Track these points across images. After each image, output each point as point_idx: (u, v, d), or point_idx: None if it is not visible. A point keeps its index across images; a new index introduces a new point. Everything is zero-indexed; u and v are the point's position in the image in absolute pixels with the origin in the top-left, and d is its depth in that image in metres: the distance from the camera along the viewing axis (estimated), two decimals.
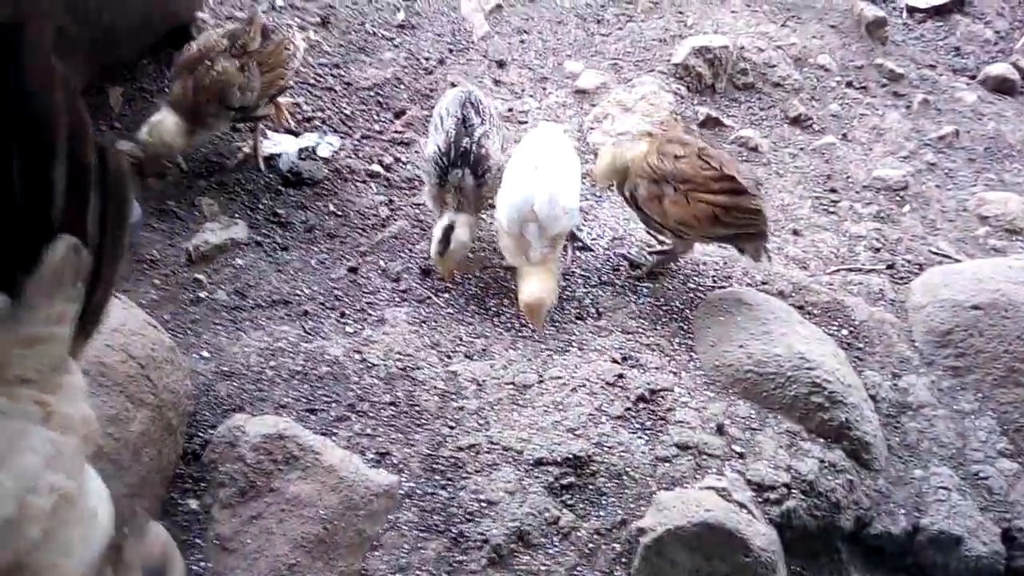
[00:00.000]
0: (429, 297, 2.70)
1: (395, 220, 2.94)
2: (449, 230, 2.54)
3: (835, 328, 2.74)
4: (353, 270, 2.76)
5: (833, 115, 3.58)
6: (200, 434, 2.22)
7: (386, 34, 3.59)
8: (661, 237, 2.81)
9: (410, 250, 2.85)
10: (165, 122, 2.74)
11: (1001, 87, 3.73)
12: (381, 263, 2.80)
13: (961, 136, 3.55)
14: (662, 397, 2.45)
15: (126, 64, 3.18)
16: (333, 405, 2.36)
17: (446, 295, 2.71)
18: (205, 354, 2.44)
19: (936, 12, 4.01)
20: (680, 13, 3.82)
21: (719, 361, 2.54)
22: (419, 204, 2.99)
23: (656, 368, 2.52)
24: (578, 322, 2.66)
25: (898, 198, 3.30)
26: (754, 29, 3.74)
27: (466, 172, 2.59)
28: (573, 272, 2.82)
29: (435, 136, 2.70)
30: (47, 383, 1.13)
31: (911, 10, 4.01)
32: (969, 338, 2.68)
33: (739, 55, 3.58)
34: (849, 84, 3.71)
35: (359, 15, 3.65)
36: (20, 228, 1.06)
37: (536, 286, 2.48)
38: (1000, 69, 3.75)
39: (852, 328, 2.75)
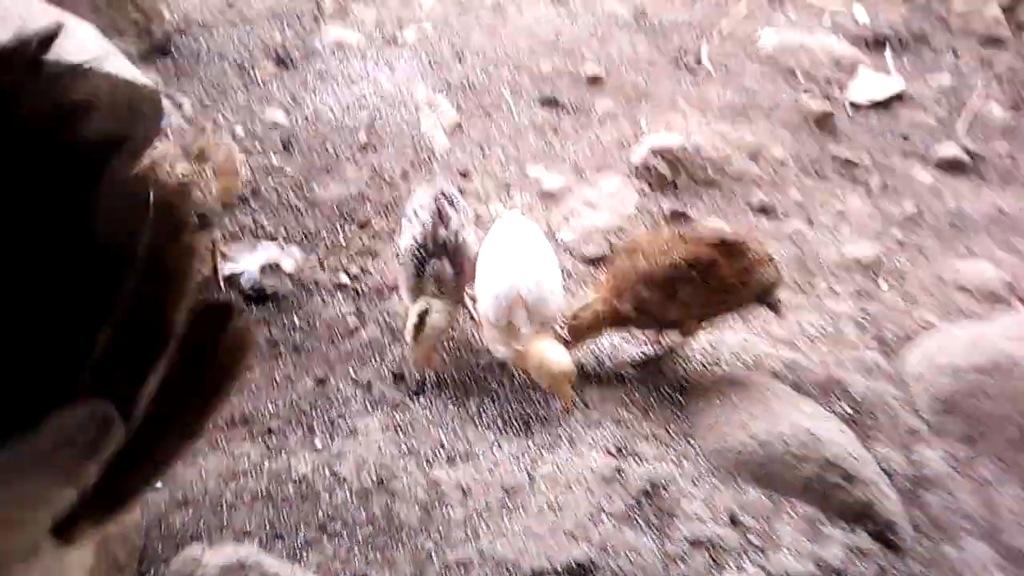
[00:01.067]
0: (403, 402, 2.51)
1: (364, 328, 2.80)
2: (424, 314, 2.40)
3: (836, 404, 2.59)
4: (321, 381, 2.58)
5: (796, 202, 3.60)
6: (152, 569, 1.94)
7: (347, 154, 3.59)
8: (663, 340, 2.70)
9: (381, 357, 2.69)
10: None
11: (954, 167, 3.83)
12: (351, 372, 2.63)
13: (924, 214, 3.58)
14: (665, 489, 2.25)
15: None
16: (302, 527, 2.11)
17: (422, 399, 2.53)
18: (158, 484, 2.19)
19: (878, 105, 4.17)
20: (634, 120, 3.91)
21: (721, 445, 2.36)
22: (389, 311, 2.86)
23: (655, 458, 2.33)
24: (565, 415, 2.48)
25: (873, 275, 3.26)
26: (706, 129, 3.83)
27: (444, 262, 2.49)
28: None
29: (410, 229, 2.62)
30: None
31: (854, 105, 4.17)
32: (976, 402, 2.55)
33: (696, 152, 3.64)
34: (806, 173, 3.76)
35: (320, 138, 3.67)
36: (25, 374, 0.74)
37: (561, 353, 2.35)
38: (950, 150, 3.86)
39: (853, 403, 2.61)
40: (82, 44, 2.81)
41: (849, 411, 2.57)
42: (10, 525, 0.76)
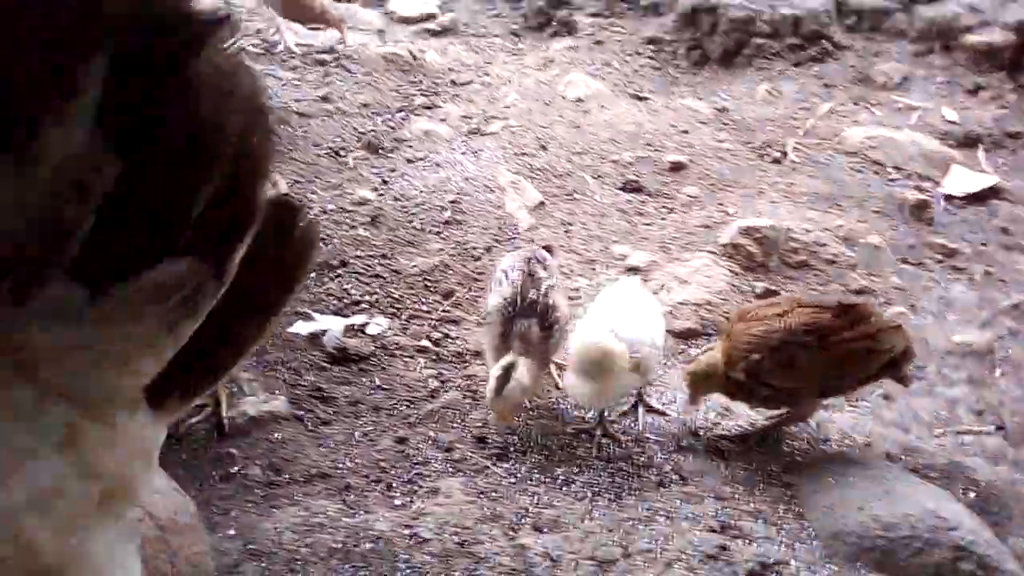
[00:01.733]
0: (487, 467, 2.37)
1: (445, 392, 2.70)
2: (510, 368, 2.29)
3: (960, 491, 2.34)
4: (401, 441, 2.47)
5: (896, 288, 3.44)
6: None
7: (433, 229, 3.63)
8: (773, 412, 2.52)
9: (462, 420, 2.58)
10: None
11: None
12: (431, 434, 2.52)
13: None
14: (778, 572, 2.02)
15: None
16: None
17: (506, 464, 2.39)
18: (232, 532, 2.09)
19: (973, 198, 4.04)
20: (720, 204, 3.87)
21: (838, 527, 2.13)
22: (470, 376, 2.77)
23: (764, 538, 2.12)
24: (660, 489, 2.30)
25: (987, 362, 3.03)
26: (796, 214, 3.75)
27: (532, 322, 2.41)
28: (647, 438, 2.50)
29: (499, 290, 2.56)
30: (94, 411, 0.83)
31: (949, 197, 4.05)
32: None
33: (787, 235, 3.55)
34: (904, 260, 3.61)
35: (407, 215, 3.72)
36: (133, 226, 0.81)
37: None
38: None
39: (978, 490, 2.36)
40: None
41: (976, 498, 2.32)
42: (123, 362, 0.84)
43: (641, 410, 2.56)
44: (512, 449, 2.44)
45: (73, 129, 0.74)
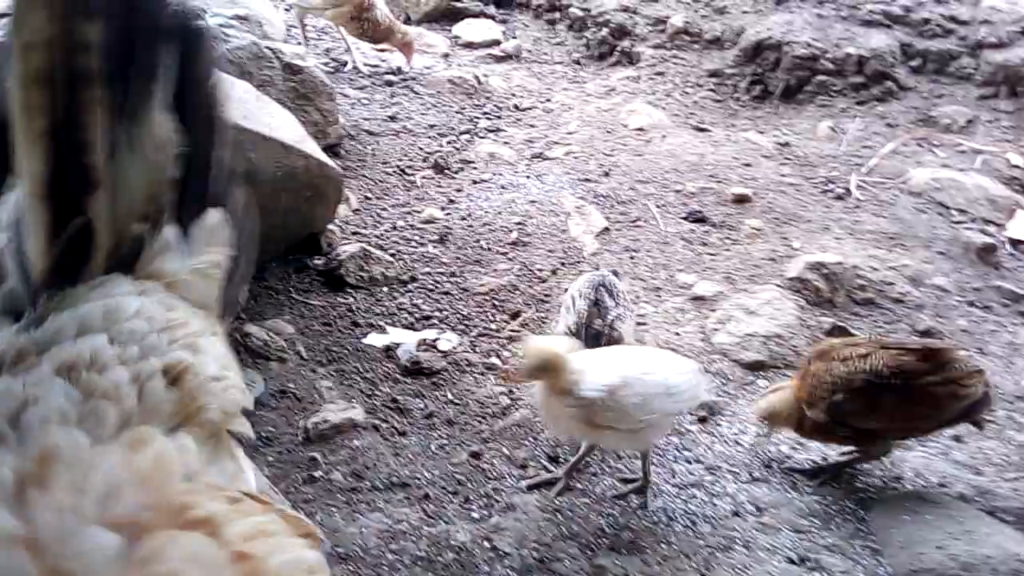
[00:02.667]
0: (561, 485, 2.40)
1: (516, 410, 2.75)
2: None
3: None
4: (475, 455, 2.52)
5: (963, 330, 3.42)
6: None
7: (500, 249, 3.69)
8: (846, 448, 2.53)
9: (535, 438, 2.62)
10: None
11: None
12: (504, 450, 2.56)
13: None
14: None
15: (258, 263, 3.27)
16: None
17: (580, 485, 2.42)
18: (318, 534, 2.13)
19: None
20: (784, 239, 3.89)
21: (916, 565, 2.13)
22: None
23: (843, 572, 2.12)
24: (735, 518, 2.31)
25: None
26: (862, 252, 3.76)
27: None
28: (719, 467, 2.52)
29: (566, 317, 2.61)
30: (213, 319, 1.22)
31: (1014, 241, 4.03)
32: None
33: (854, 272, 3.55)
34: (971, 304, 3.60)
35: (474, 234, 3.79)
36: (194, 184, 1.22)
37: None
38: None
39: None
40: (288, 126, 3.08)
41: None
42: (208, 276, 1.24)
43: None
44: (587, 470, 2.47)
45: (163, 111, 1.16)
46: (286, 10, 5.61)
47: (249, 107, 3.09)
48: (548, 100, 5.24)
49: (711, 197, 4.20)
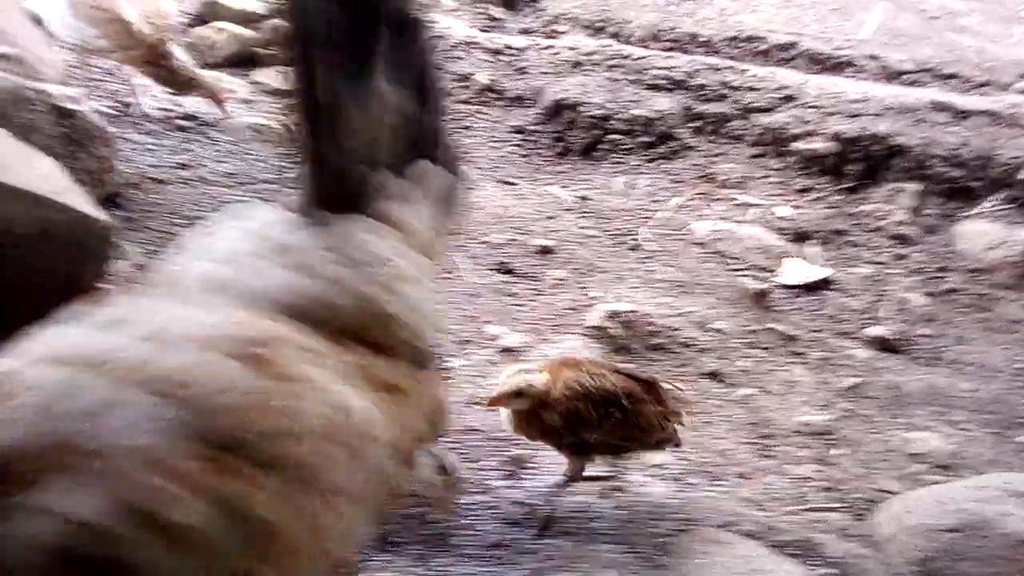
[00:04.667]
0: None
1: None
2: None
3: (817, 566, 2.49)
4: None
5: (742, 370, 3.68)
6: None
7: None
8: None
9: None
10: None
11: (884, 346, 4.03)
12: None
13: (865, 387, 3.71)
14: None
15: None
16: None
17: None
18: None
19: (807, 288, 4.44)
20: (583, 289, 4.03)
21: None
22: None
23: None
24: None
25: (829, 442, 3.29)
26: (654, 301, 3.97)
27: None
28: (519, 522, 2.48)
29: None
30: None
31: (785, 287, 4.44)
32: (954, 563, 2.49)
33: (647, 320, 3.73)
34: (750, 345, 3.89)
35: None
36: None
37: None
38: (878, 331, 4.09)
39: (833, 565, 2.51)
40: (48, 176, 2.75)
41: (831, 573, 2.47)
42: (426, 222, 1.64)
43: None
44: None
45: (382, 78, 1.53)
46: (70, 50, 5.11)
47: (5, 156, 2.74)
48: None
49: (517, 248, 4.28)
